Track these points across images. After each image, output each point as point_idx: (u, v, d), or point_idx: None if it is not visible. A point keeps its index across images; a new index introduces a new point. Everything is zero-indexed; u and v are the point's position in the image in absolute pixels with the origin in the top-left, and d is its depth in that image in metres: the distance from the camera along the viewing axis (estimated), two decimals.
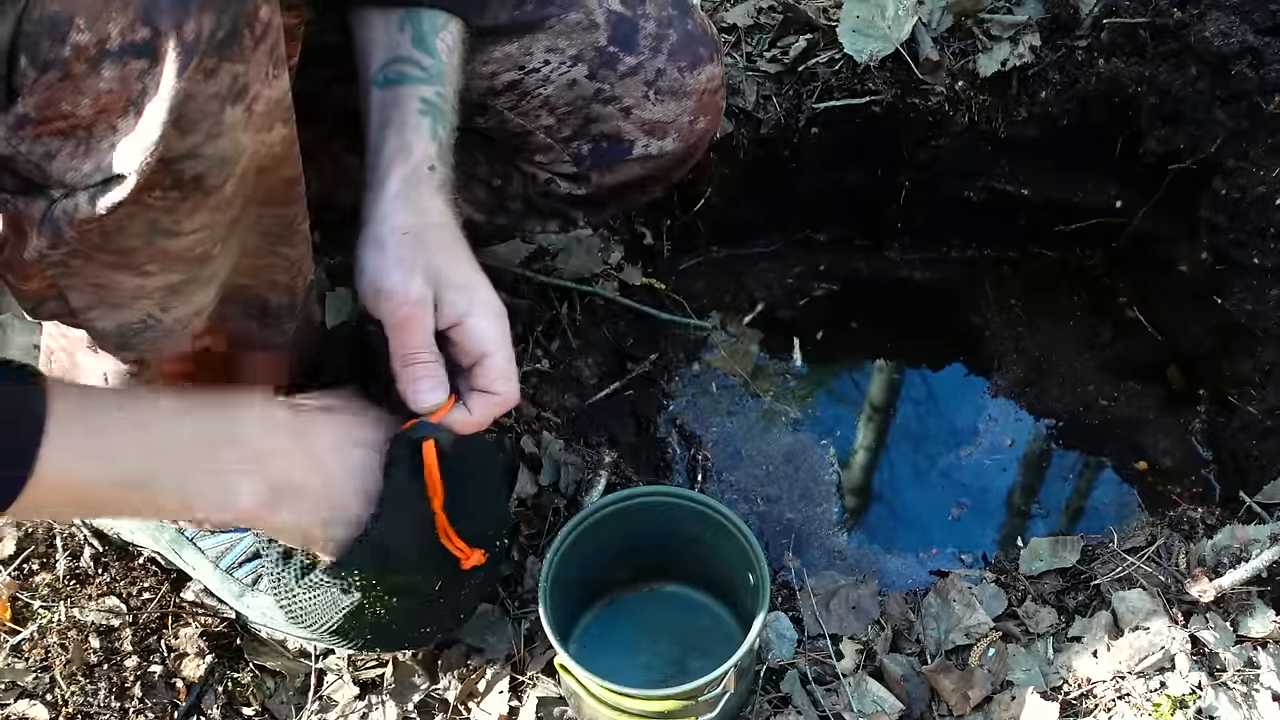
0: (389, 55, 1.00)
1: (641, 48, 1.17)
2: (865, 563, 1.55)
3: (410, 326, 0.92)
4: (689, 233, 1.88)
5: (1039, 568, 1.29)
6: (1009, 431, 1.72)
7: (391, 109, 0.99)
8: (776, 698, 1.18)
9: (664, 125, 1.21)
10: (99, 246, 0.75)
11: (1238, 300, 1.63)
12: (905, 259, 1.96)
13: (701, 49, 1.21)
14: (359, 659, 1.23)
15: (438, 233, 0.96)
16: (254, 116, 0.75)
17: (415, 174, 0.97)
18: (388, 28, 1.01)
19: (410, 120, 0.98)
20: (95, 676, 1.17)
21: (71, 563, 1.26)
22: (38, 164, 0.69)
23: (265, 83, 0.75)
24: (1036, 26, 1.71)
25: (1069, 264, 1.94)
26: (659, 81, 1.18)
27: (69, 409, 0.77)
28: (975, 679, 1.17)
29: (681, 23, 1.19)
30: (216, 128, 0.72)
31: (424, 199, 0.96)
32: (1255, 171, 1.58)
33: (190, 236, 0.77)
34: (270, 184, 0.82)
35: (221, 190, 0.76)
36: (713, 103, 1.25)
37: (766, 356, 1.83)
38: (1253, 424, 1.57)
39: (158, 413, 0.86)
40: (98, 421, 0.81)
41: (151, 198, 0.72)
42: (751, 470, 1.66)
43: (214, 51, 0.69)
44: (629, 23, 1.16)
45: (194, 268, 0.81)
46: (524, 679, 1.19)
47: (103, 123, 0.68)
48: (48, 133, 0.68)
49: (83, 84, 0.66)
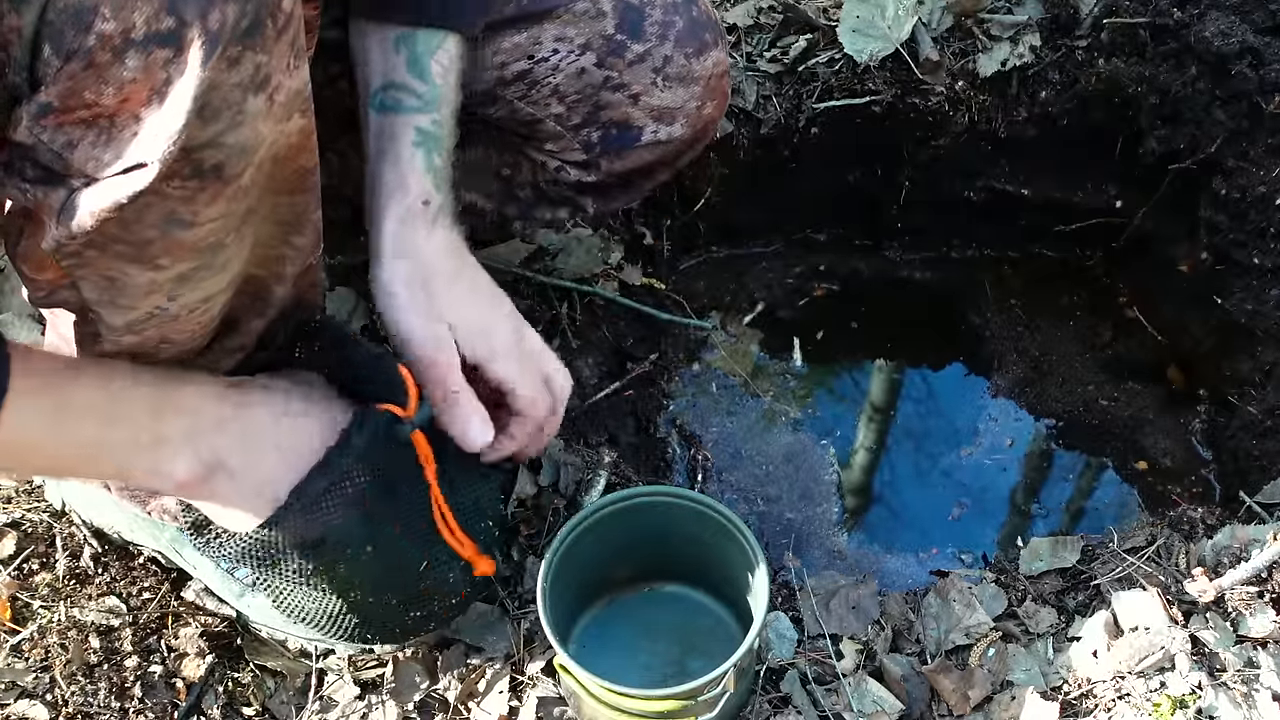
0: (384, 79, 1.02)
1: (649, 35, 1.18)
2: (865, 563, 1.55)
3: (439, 368, 0.98)
4: (689, 233, 1.88)
5: (1039, 568, 1.29)
6: (1009, 431, 1.72)
7: (387, 140, 1.01)
8: (776, 698, 1.18)
9: (672, 111, 1.22)
10: (115, 237, 0.75)
11: (1238, 300, 1.63)
12: (905, 259, 1.96)
13: (707, 35, 1.22)
14: (359, 659, 1.23)
15: (442, 273, 1.01)
16: (275, 106, 0.75)
17: (410, 212, 1.00)
18: (384, 47, 1.02)
19: (405, 153, 1.01)
20: (95, 676, 1.17)
21: (71, 563, 1.26)
22: (59, 153, 0.69)
23: (287, 73, 0.75)
24: (1036, 26, 1.71)
25: (1069, 264, 1.94)
26: (667, 68, 1.19)
27: (31, 371, 0.79)
28: (975, 679, 1.17)
29: (687, 9, 1.20)
30: (239, 117, 0.72)
31: (420, 238, 1.00)
32: (1255, 171, 1.58)
33: (205, 227, 0.78)
34: (286, 173, 0.83)
35: (239, 179, 0.76)
36: (719, 87, 1.26)
37: (766, 356, 1.83)
38: (1253, 424, 1.57)
39: (115, 382, 0.87)
40: (57, 384, 0.83)
41: (170, 187, 0.73)
42: (751, 470, 1.66)
43: (238, 41, 0.69)
44: (635, 10, 1.17)
45: (205, 256, 0.81)
46: (524, 679, 1.19)
47: (125, 112, 0.68)
48: (70, 122, 0.68)
49: (107, 73, 0.66)
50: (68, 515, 1.29)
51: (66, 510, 1.29)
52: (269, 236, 0.89)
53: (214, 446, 0.90)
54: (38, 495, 1.31)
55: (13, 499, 1.31)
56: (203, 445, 0.90)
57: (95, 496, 1.25)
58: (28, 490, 1.32)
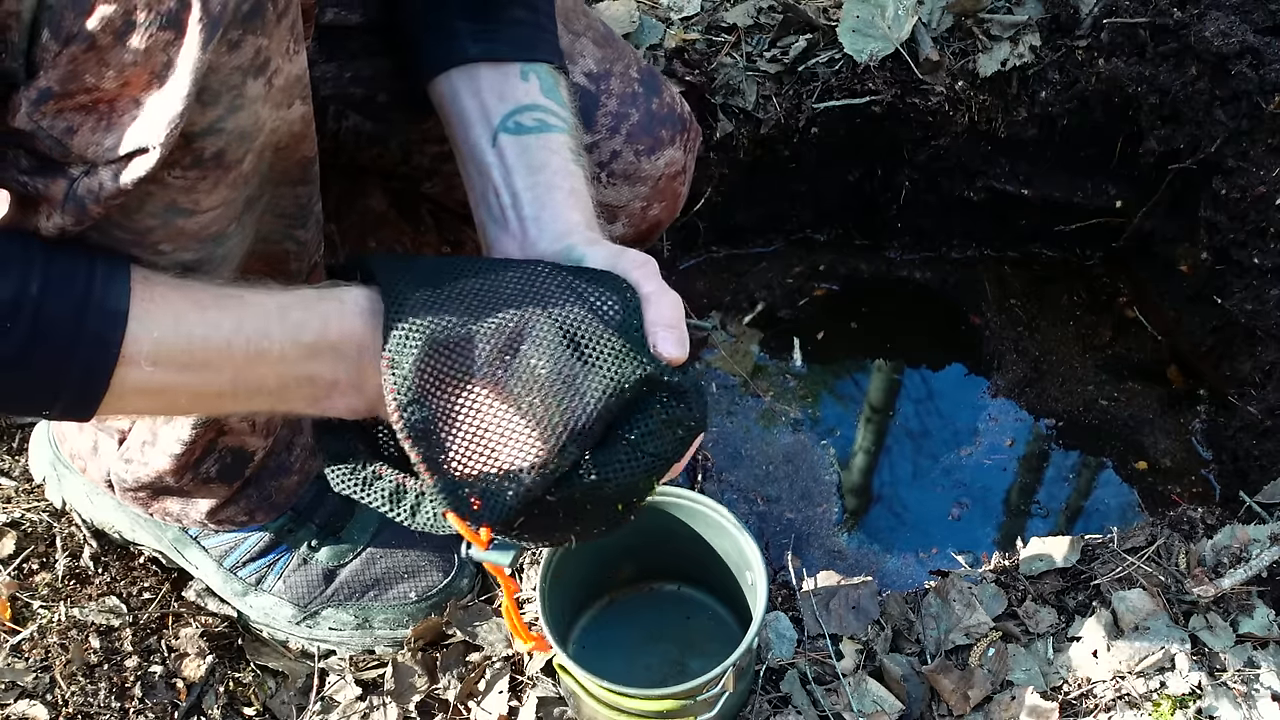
0: (516, 104, 0.94)
1: (599, 126, 1.12)
2: (865, 563, 1.56)
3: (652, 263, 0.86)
4: (689, 233, 1.88)
5: (1039, 568, 1.29)
6: (1009, 431, 1.72)
7: (543, 154, 0.92)
8: (776, 697, 1.18)
9: (613, 209, 1.17)
10: (118, 224, 0.75)
11: (1238, 300, 1.63)
12: (905, 259, 1.96)
13: (663, 131, 1.16)
14: (359, 659, 1.23)
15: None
16: (274, 91, 0.75)
17: (593, 216, 0.92)
18: (506, 79, 0.95)
19: (573, 169, 0.92)
20: (95, 676, 1.17)
21: (71, 562, 1.26)
22: (59, 139, 0.69)
23: (286, 57, 0.75)
24: (1036, 26, 1.71)
25: (1069, 264, 1.95)
26: (613, 164, 1.14)
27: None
28: (975, 679, 1.17)
29: (646, 101, 1.15)
30: (238, 100, 0.72)
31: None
32: (1255, 171, 1.58)
33: (207, 214, 0.77)
34: (287, 164, 0.83)
35: (240, 166, 0.76)
36: (670, 189, 1.19)
37: (766, 356, 1.83)
38: (1253, 424, 1.57)
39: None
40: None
41: (171, 176, 0.72)
42: (751, 470, 1.66)
43: (239, 24, 0.69)
44: (590, 98, 1.12)
45: (208, 245, 0.81)
46: (524, 679, 1.19)
47: (126, 96, 0.68)
48: (70, 107, 0.68)
49: (108, 56, 0.65)
50: (68, 515, 1.29)
51: (66, 510, 1.29)
52: (271, 230, 0.89)
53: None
54: (38, 495, 1.31)
55: (12, 499, 1.31)
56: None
57: (96, 496, 1.25)
58: (28, 490, 1.32)
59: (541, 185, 0.90)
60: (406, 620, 1.24)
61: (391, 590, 1.24)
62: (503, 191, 0.91)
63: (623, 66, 1.15)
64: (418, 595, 1.24)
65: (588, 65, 1.12)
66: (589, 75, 1.12)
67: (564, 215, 0.89)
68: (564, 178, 0.91)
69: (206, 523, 1.19)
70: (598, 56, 1.13)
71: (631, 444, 0.77)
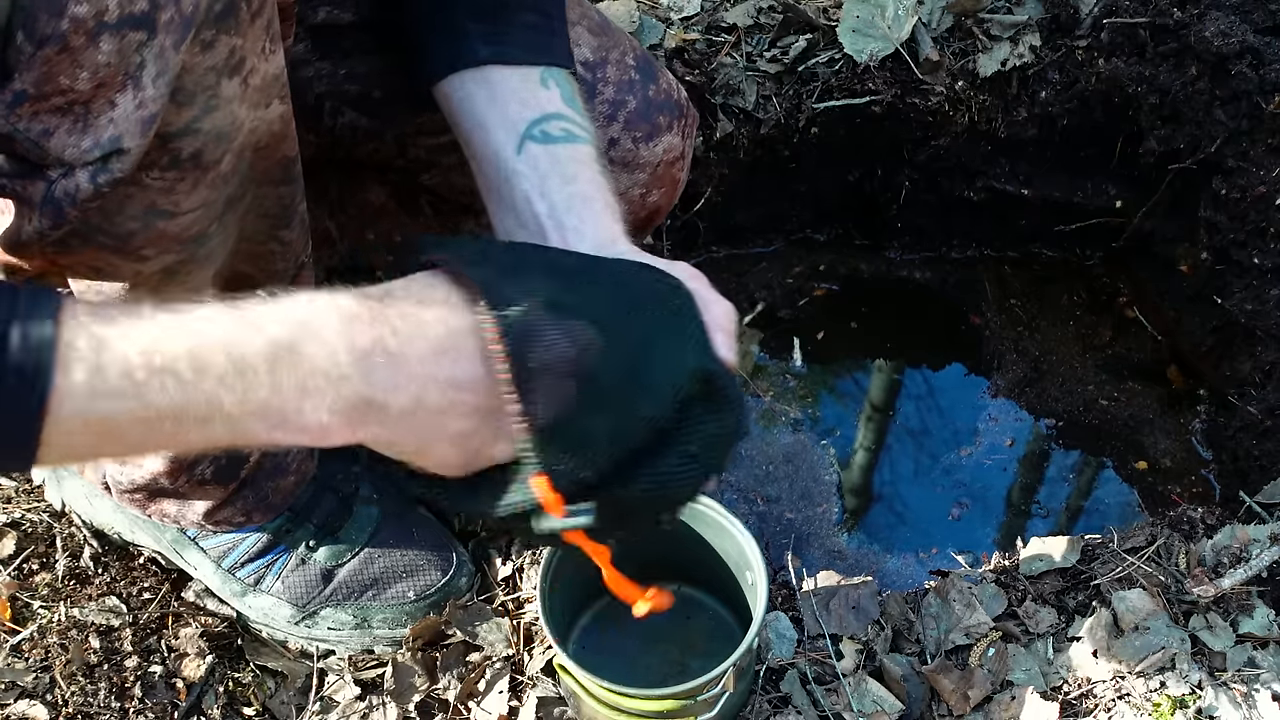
0: (540, 112, 0.93)
1: (596, 114, 1.11)
2: (865, 563, 1.55)
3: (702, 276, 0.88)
4: (689, 233, 1.88)
5: (1039, 568, 1.29)
6: (1009, 431, 1.72)
7: (573, 165, 0.91)
8: (776, 697, 1.18)
9: None
10: (98, 228, 0.74)
11: (1238, 300, 1.63)
12: (905, 259, 1.96)
13: (661, 117, 1.15)
14: (359, 659, 1.23)
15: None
16: (250, 90, 0.74)
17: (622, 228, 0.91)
18: (526, 85, 0.93)
19: (603, 180, 0.91)
20: (95, 676, 1.17)
21: (71, 563, 1.26)
22: (36, 141, 0.68)
23: (262, 56, 0.74)
24: (1036, 26, 1.71)
25: (1069, 264, 1.95)
26: (611, 152, 1.13)
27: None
28: (975, 679, 1.17)
29: (643, 88, 1.14)
30: (213, 101, 0.72)
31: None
32: (1255, 171, 1.58)
33: (188, 216, 0.77)
34: (267, 163, 0.82)
35: (218, 166, 0.76)
36: (668, 175, 1.19)
37: (766, 356, 1.83)
38: (1253, 424, 1.57)
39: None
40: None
41: (149, 178, 0.72)
42: (751, 470, 1.66)
43: (211, 24, 0.69)
44: (587, 85, 1.11)
45: (190, 247, 0.80)
46: (524, 679, 1.19)
47: (101, 97, 0.68)
48: (46, 109, 0.67)
49: (81, 57, 0.65)
50: (68, 515, 1.29)
51: (66, 510, 1.29)
52: (254, 231, 0.88)
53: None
54: (38, 495, 1.31)
55: (13, 499, 1.31)
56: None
57: (95, 498, 1.25)
58: (28, 490, 1.32)
59: (578, 196, 0.90)
60: (405, 620, 1.24)
61: (390, 590, 1.24)
62: (536, 200, 0.89)
63: (619, 54, 1.14)
64: (416, 594, 1.24)
65: (583, 54, 1.12)
66: (585, 64, 1.12)
67: (605, 225, 0.89)
68: (597, 189, 0.90)
69: (204, 524, 1.19)
70: (593, 45, 1.13)
71: (684, 454, 0.78)
